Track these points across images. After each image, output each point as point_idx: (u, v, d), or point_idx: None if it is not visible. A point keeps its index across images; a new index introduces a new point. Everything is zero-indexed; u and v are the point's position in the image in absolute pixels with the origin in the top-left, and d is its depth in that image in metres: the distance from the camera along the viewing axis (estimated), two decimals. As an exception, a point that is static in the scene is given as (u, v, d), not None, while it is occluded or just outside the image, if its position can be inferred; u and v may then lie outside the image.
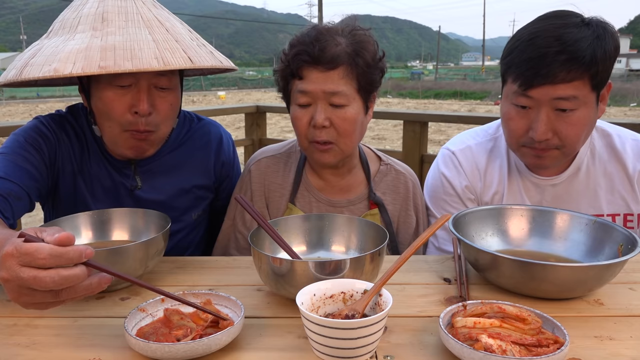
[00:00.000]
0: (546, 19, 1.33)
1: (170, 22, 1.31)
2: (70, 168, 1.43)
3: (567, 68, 1.24)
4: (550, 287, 1.04)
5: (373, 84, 1.42)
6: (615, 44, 1.29)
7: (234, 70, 1.44)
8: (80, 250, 0.79)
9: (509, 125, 1.39)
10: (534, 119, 1.32)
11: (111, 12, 1.24)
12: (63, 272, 0.77)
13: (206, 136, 1.61)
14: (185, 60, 1.21)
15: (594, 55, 1.24)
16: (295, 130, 1.44)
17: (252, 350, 0.90)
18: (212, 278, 1.21)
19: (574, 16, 1.31)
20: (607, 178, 1.48)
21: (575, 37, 1.25)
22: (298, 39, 1.38)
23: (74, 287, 0.80)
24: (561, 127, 1.31)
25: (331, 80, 1.34)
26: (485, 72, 63.81)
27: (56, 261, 0.76)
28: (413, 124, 3.34)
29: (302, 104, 1.39)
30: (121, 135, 1.34)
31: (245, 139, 4.04)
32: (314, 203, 1.53)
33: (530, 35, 1.30)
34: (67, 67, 1.13)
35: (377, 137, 12.95)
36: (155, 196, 1.50)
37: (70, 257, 0.77)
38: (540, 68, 1.26)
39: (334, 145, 1.40)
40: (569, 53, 1.24)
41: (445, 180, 1.55)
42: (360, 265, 1.01)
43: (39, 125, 1.40)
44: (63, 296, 0.80)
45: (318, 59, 1.33)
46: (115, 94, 1.28)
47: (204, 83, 39.92)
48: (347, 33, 1.38)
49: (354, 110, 1.38)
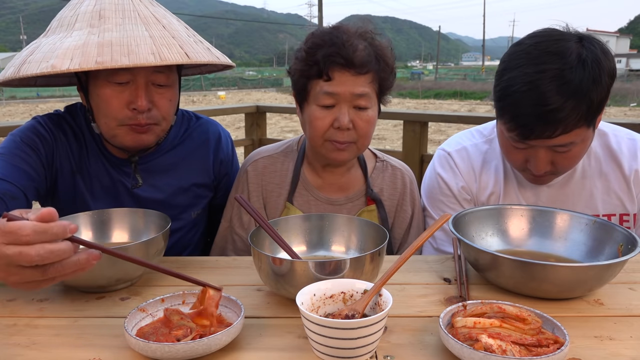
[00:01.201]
0: (541, 55, 1.23)
1: (167, 19, 1.32)
2: (68, 167, 1.43)
3: (565, 124, 1.22)
4: (550, 287, 1.04)
5: (390, 87, 1.45)
6: (611, 74, 1.24)
7: (231, 67, 1.43)
8: (63, 225, 0.79)
9: (507, 157, 1.42)
10: (532, 156, 1.33)
11: (108, 10, 1.25)
12: (48, 245, 0.77)
13: (205, 134, 1.61)
14: (182, 55, 1.21)
15: (592, 103, 1.21)
16: (312, 130, 1.41)
17: (252, 350, 0.90)
18: (212, 278, 1.20)
19: (568, 52, 1.22)
20: (602, 178, 1.48)
21: (572, 89, 1.19)
22: (324, 39, 1.36)
23: (61, 264, 0.79)
24: (559, 161, 1.33)
25: (360, 83, 1.35)
26: (485, 72, 63.78)
27: (40, 237, 0.76)
28: (413, 124, 3.34)
29: (326, 105, 1.38)
30: (120, 128, 1.33)
31: (245, 139, 4.04)
32: (312, 202, 1.53)
33: (525, 84, 1.23)
34: (65, 63, 1.14)
35: (377, 137, 12.95)
36: (155, 195, 1.50)
37: (54, 232, 0.77)
38: (536, 126, 1.24)
39: (352, 144, 1.42)
40: (568, 109, 1.20)
41: (441, 181, 1.55)
42: (360, 265, 1.01)
43: (36, 125, 1.41)
44: (51, 273, 0.79)
45: (352, 62, 1.33)
46: (113, 90, 1.29)
47: (204, 83, 39.93)
48: (366, 37, 1.39)
49: (373, 113, 1.41)
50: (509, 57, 1.31)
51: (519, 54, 1.28)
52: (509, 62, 1.30)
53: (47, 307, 1.06)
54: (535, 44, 1.27)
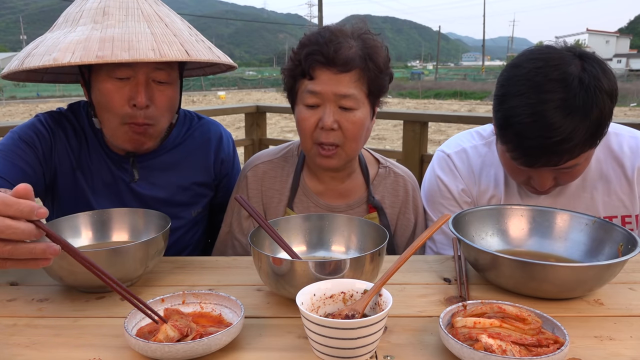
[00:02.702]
0: (543, 83, 1.21)
1: (170, 18, 1.33)
2: (68, 164, 1.45)
3: (569, 153, 1.22)
4: (550, 287, 1.04)
5: (382, 89, 1.40)
6: (613, 95, 1.22)
7: (233, 68, 1.44)
8: (32, 205, 0.76)
9: (509, 173, 1.43)
10: (536, 176, 1.33)
11: (112, 7, 1.28)
12: (8, 220, 0.75)
13: (206, 134, 1.62)
14: (182, 53, 1.23)
15: (597, 127, 1.21)
16: (300, 132, 1.41)
17: (252, 350, 0.90)
18: (212, 278, 1.21)
19: (570, 78, 1.19)
20: (603, 180, 1.47)
21: (578, 118, 1.18)
22: (310, 39, 1.37)
23: (15, 246, 0.77)
24: (563, 177, 1.34)
25: (343, 82, 1.33)
26: (485, 72, 63.80)
27: (5, 209, 0.75)
28: (413, 124, 3.34)
29: (310, 105, 1.37)
30: (120, 128, 1.35)
31: (245, 139, 4.04)
32: (312, 208, 1.52)
33: (529, 116, 1.21)
34: (66, 56, 1.16)
35: (377, 137, 12.95)
36: (155, 192, 1.51)
37: (20, 208, 0.75)
38: (541, 157, 1.23)
39: (339, 149, 1.39)
40: (573, 141, 1.19)
41: (441, 183, 1.54)
42: (360, 265, 1.01)
43: (36, 123, 1.43)
44: (4, 253, 0.76)
45: (332, 60, 1.32)
46: (113, 85, 1.30)
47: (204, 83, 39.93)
48: (358, 36, 1.37)
49: (362, 115, 1.37)
50: (508, 82, 1.28)
51: (518, 79, 1.25)
52: (509, 87, 1.27)
53: (47, 307, 1.06)
54: (535, 69, 1.24)
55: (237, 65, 1.46)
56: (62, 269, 1.05)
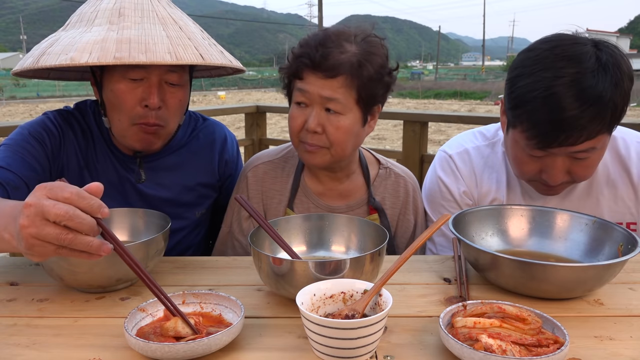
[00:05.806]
0: (558, 60, 1.19)
1: (183, 21, 1.35)
2: (75, 163, 1.45)
3: (588, 131, 1.18)
4: (550, 287, 1.04)
5: (375, 97, 1.37)
6: (631, 77, 1.20)
7: (242, 71, 1.45)
8: (101, 203, 0.84)
9: (520, 168, 1.35)
10: (549, 165, 1.28)
11: (128, 8, 1.29)
12: (78, 211, 0.82)
13: (211, 136, 1.64)
14: (197, 56, 1.25)
15: (615, 109, 1.17)
16: (289, 129, 1.43)
17: (252, 350, 0.90)
18: (212, 278, 1.21)
19: (587, 56, 1.18)
20: (610, 185, 1.44)
21: (594, 94, 1.15)
22: (305, 41, 1.37)
23: (76, 236, 0.82)
24: (576, 170, 1.28)
25: (329, 87, 1.32)
26: (485, 72, 63.72)
27: (79, 201, 0.82)
28: (413, 124, 3.34)
29: (300, 102, 1.38)
30: (130, 128, 1.36)
31: (245, 139, 4.04)
32: (312, 209, 1.52)
33: (544, 91, 1.18)
34: (84, 56, 1.17)
35: (377, 137, 12.95)
36: (161, 192, 1.52)
37: (90, 203, 0.83)
38: (559, 133, 1.19)
39: (324, 149, 1.38)
40: (590, 115, 1.16)
41: (442, 185, 1.52)
42: (360, 265, 1.01)
43: (45, 120, 1.44)
44: (65, 240, 0.82)
45: (318, 65, 1.31)
46: (127, 86, 1.31)
47: (203, 83, 39.83)
48: (361, 40, 1.35)
49: (349, 121, 1.35)
50: (521, 63, 1.26)
51: (533, 59, 1.24)
52: (522, 68, 1.25)
53: (47, 307, 1.06)
54: (550, 48, 1.22)
55: (245, 69, 1.47)
56: (62, 269, 1.05)
